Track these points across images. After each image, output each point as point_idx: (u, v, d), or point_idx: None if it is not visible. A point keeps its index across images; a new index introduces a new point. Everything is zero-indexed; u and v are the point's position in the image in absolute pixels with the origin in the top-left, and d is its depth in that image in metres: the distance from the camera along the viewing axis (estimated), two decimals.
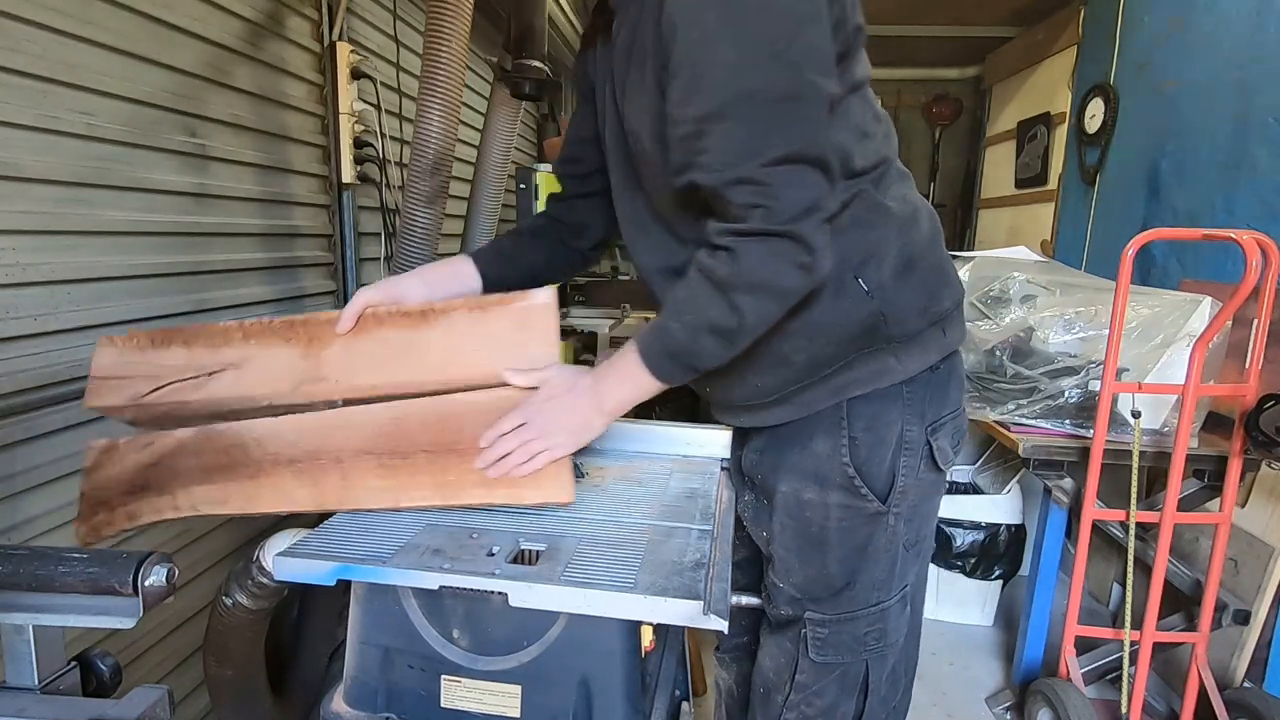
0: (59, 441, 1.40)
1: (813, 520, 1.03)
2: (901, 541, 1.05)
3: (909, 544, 1.06)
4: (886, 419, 1.00)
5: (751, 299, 0.86)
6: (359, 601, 0.91)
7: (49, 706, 0.72)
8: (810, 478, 1.02)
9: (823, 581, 1.04)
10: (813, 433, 1.01)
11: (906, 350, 0.98)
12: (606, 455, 1.24)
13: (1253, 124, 2.21)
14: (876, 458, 1.00)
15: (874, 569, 1.04)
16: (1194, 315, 1.88)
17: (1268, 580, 1.87)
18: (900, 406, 1.00)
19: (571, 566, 0.84)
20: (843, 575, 1.03)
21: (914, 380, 1.00)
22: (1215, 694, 1.79)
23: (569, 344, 2.36)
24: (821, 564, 1.04)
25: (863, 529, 1.02)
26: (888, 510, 1.01)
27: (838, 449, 1.00)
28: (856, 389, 0.98)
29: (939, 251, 1.03)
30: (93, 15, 1.42)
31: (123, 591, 0.71)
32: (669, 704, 1.00)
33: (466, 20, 1.87)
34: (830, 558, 1.03)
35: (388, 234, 2.58)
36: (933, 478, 1.05)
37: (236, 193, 1.87)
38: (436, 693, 0.89)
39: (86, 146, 1.43)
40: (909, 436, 1.01)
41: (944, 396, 1.04)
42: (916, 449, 1.01)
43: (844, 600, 1.04)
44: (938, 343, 1.01)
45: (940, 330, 1.02)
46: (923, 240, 0.99)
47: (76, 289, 1.43)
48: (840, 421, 1.00)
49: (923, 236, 1.00)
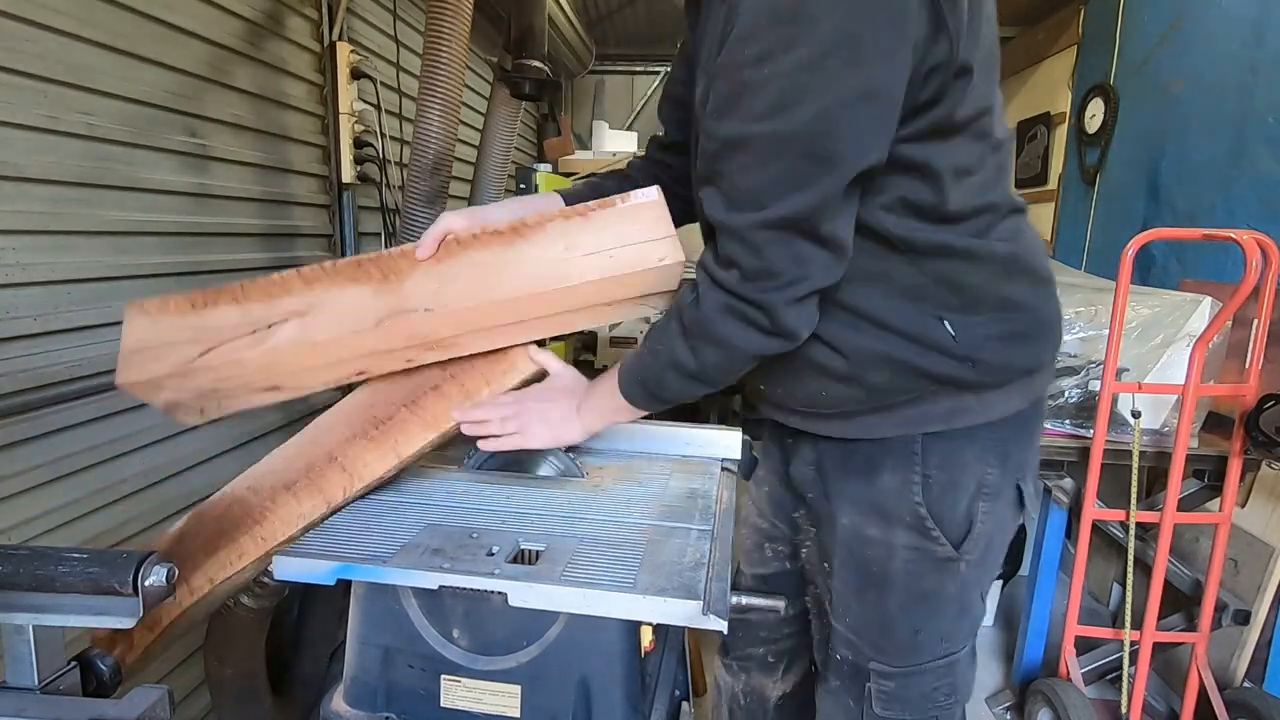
0: (59, 441, 1.40)
1: (874, 559, 0.96)
2: (978, 590, 0.98)
3: (984, 593, 1.00)
4: (962, 460, 0.92)
5: (709, 351, 0.84)
6: (359, 601, 0.91)
7: (49, 706, 0.72)
8: (875, 513, 0.95)
9: (881, 626, 0.97)
10: (881, 464, 0.94)
11: (990, 395, 0.91)
12: (606, 455, 1.24)
13: (1252, 124, 2.21)
14: (951, 499, 0.93)
15: (940, 618, 0.97)
16: (1194, 315, 1.88)
17: (1268, 580, 1.87)
18: (979, 448, 0.92)
19: (571, 566, 0.84)
20: (906, 622, 0.96)
21: (997, 423, 0.92)
22: (1215, 694, 1.79)
23: (568, 343, 2.36)
24: (882, 608, 0.97)
25: (930, 575, 0.94)
26: (960, 557, 0.94)
27: (908, 485, 0.93)
28: (929, 425, 0.91)
29: (1049, 301, 0.94)
30: (93, 15, 1.42)
31: (123, 591, 0.71)
32: (669, 704, 1.00)
33: (466, 20, 1.87)
34: (892, 602, 0.96)
35: (388, 234, 2.58)
36: (1014, 521, 0.98)
37: (236, 193, 1.87)
38: (436, 692, 0.89)
39: (87, 146, 1.43)
40: (989, 480, 0.93)
41: (1030, 438, 0.98)
42: (999, 494, 0.94)
43: (910, 652, 0.97)
44: (1024, 390, 0.93)
45: (1029, 378, 0.94)
46: (1027, 289, 0.91)
47: (76, 289, 1.43)
48: (913, 456, 0.92)
49: (1028, 284, 0.91)
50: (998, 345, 0.89)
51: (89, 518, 1.48)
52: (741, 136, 0.75)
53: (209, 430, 1.82)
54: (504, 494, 1.06)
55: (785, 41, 0.70)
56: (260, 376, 1.03)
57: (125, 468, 1.57)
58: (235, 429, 1.92)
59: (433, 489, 1.09)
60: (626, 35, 4.93)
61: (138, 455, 1.60)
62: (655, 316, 1.02)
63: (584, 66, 4.63)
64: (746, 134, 0.75)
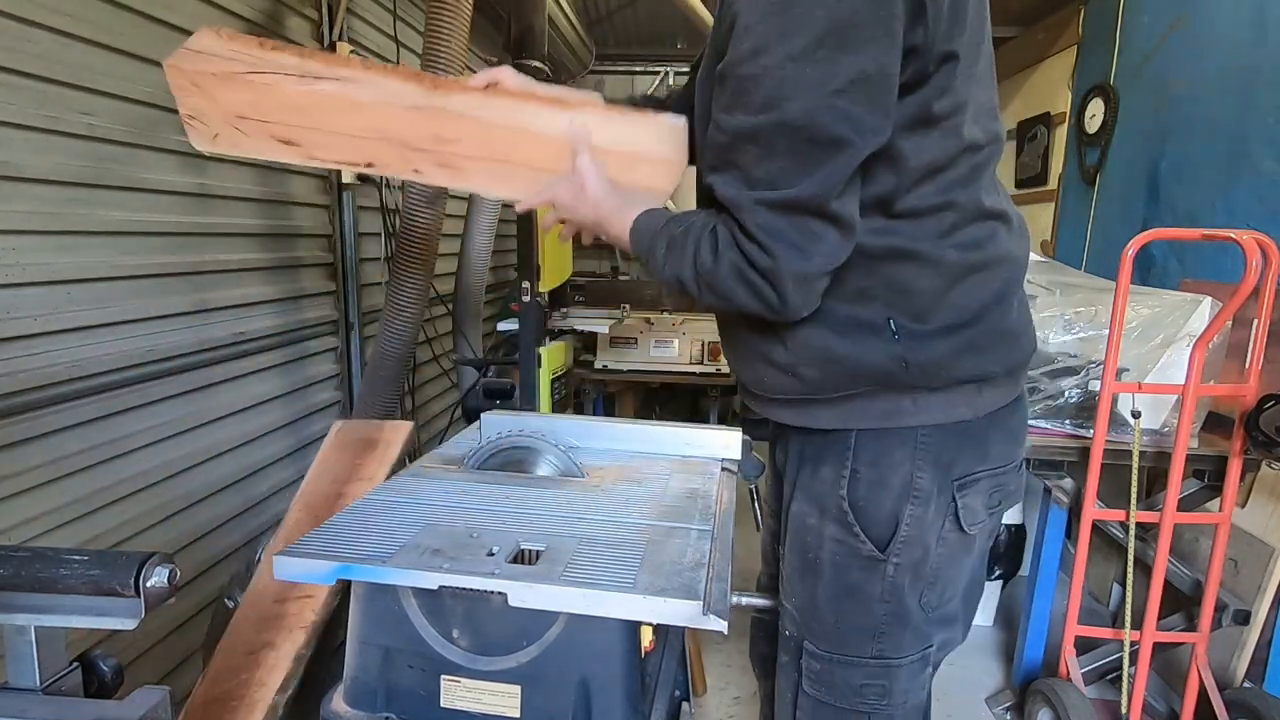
0: (59, 441, 1.40)
1: (810, 546, 1.00)
2: (912, 599, 0.96)
3: (928, 605, 0.97)
4: (890, 459, 0.93)
5: (709, 295, 0.88)
6: (358, 601, 0.91)
7: (51, 707, 0.72)
8: (813, 502, 0.99)
9: (812, 611, 1.00)
10: (824, 456, 0.97)
11: (926, 399, 0.91)
12: (606, 455, 1.24)
13: (1252, 124, 2.21)
14: (875, 499, 0.93)
15: (866, 616, 0.97)
16: (1194, 315, 1.88)
17: (1268, 580, 1.87)
18: (909, 449, 0.92)
19: (571, 566, 0.84)
20: (831, 612, 0.99)
21: (934, 427, 0.92)
22: (1215, 694, 1.79)
23: (568, 343, 2.36)
24: (812, 592, 1.00)
25: (856, 571, 0.96)
26: (885, 559, 0.94)
27: (838, 480, 0.95)
28: (864, 421, 0.93)
29: (1006, 314, 0.93)
30: (93, 15, 1.42)
31: (124, 593, 0.71)
32: (669, 704, 1.00)
33: (466, 20, 1.87)
34: (820, 589, 0.99)
35: (388, 234, 2.58)
36: (958, 538, 0.96)
37: (236, 193, 1.87)
38: (436, 693, 0.89)
39: (87, 146, 1.43)
40: (919, 484, 0.92)
41: (980, 450, 0.94)
42: (929, 500, 0.93)
43: (835, 640, 0.99)
44: (969, 401, 0.92)
45: (976, 389, 0.92)
46: (984, 298, 0.89)
47: (76, 289, 1.43)
48: (846, 451, 0.94)
49: (986, 294, 0.89)
50: (941, 352, 0.89)
51: (89, 518, 1.48)
52: (749, 129, 0.78)
53: (208, 430, 1.82)
54: (504, 494, 1.06)
55: (778, 33, 0.74)
56: (287, 118, 1.07)
57: (125, 468, 1.57)
58: (235, 428, 1.92)
59: (433, 489, 1.08)
60: (626, 35, 4.93)
61: (137, 455, 1.61)
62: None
63: (584, 66, 4.63)
64: (753, 126, 0.78)
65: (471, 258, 2.69)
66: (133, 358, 1.56)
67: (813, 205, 0.78)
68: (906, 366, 0.89)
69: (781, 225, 0.79)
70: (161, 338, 1.65)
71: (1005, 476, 0.98)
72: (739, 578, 1.30)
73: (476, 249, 2.67)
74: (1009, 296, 0.93)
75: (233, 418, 1.90)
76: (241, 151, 1.07)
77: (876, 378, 0.90)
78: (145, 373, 1.59)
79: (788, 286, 0.81)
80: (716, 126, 0.83)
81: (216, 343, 1.82)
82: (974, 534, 0.96)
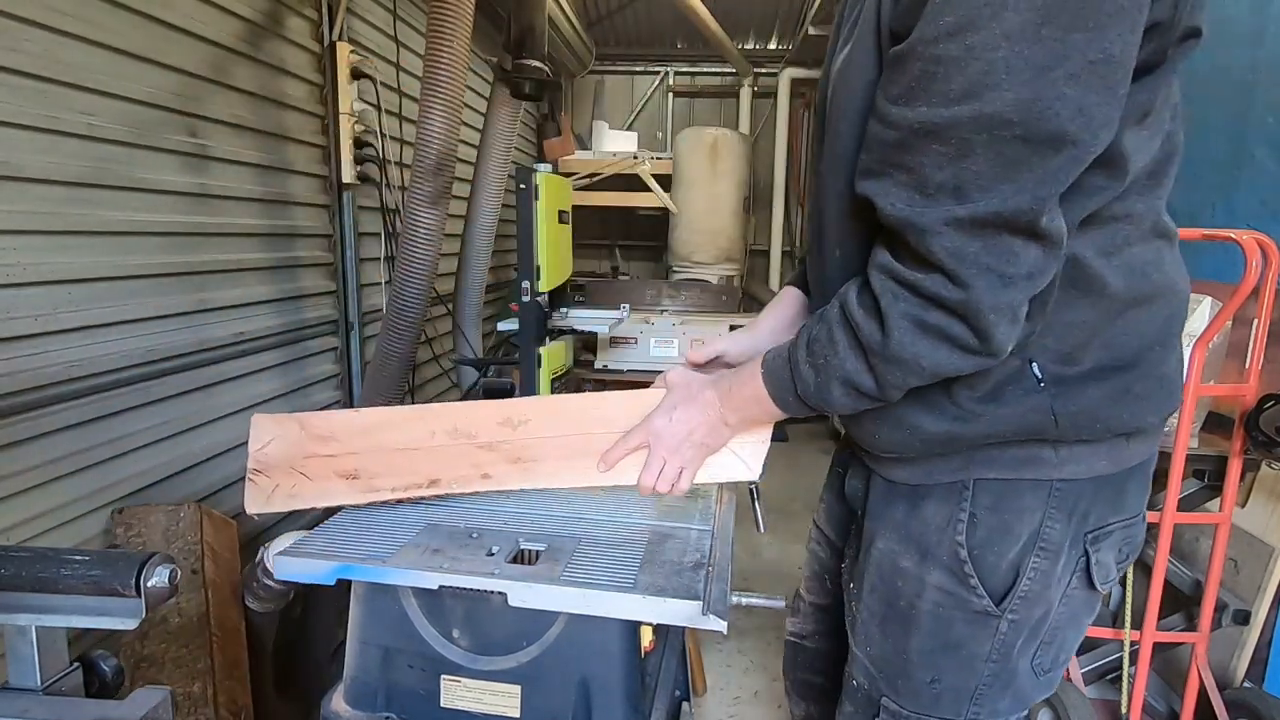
0: (59, 441, 1.40)
1: (901, 593, 0.85)
2: (1023, 660, 0.84)
3: (1040, 668, 0.85)
4: (1017, 505, 0.79)
5: (895, 372, 0.71)
6: (359, 601, 0.91)
7: (52, 707, 0.72)
8: (910, 544, 0.84)
9: (898, 664, 0.87)
10: (925, 493, 0.83)
11: (1070, 451, 0.78)
12: None
13: (1252, 124, 2.21)
14: (996, 548, 0.80)
15: (967, 676, 0.84)
16: (1194, 315, 1.88)
17: (1268, 580, 1.87)
18: (1043, 494, 0.79)
19: (571, 566, 0.84)
20: (924, 668, 0.85)
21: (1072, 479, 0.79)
22: (1215, 694, 1.79)
23: (568, 343, 2.36)
24: (900, 644, 0.86)
25: (961, 625, 0.82)
26: (1001, 614, 0.81)
27: (952, 523, 0.81)
28: (990, 471, 0.79)
29: (1167, 357, 0.78)
30: (93, 15, 1.42)
31: (125, 593, 0.71)
32: (669, 704, 1.00)
33: (468, 20, 1.87)
34: (913, 643, 0.85)
35: (388, 234, 2.58)
36: (1084, 596, 0.83)
37: (237, 193, 1.87)
38: (436, 692, 0.89)
39: (87, 146, 1.43)
40: (1049, 535, 0.79)
41: (1118, 499, 0.82)
42: (1058, 554, 0.80)
43: (926, 700, 0.86)
44: (1115, 455, 0.79)
45: (1125, 440, 0.79)
46: (1147, 337, 0.75)
47: (76, 289, 1.43)
48: (962, 491, 0.81)
49: (1150, 332, 0.75)
50: (1095, 400, 0.75)
51: (89, 518, 1.48)
52: (936, 123, 0.62)
53: (208, 430, 1.82)
54: (504, 494, 1.06)
55: (991, 6, 0.59)
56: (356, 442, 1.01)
57: (125, 468, 1.57)
58: (235, 428, 1.92)
59: None
60: (626, 35, 4.93)
61: (137, 455, 1.61)
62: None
63: (584, 66, 4.63)
64: (943, 120, 0.62)
65: (471, 258, 2.69)
66: (133, 358, 1.56)
67: (1020, 221, 0.62)
68: (1056, 421, 0.75)
69: (974, 248, 0.63)
70: (161, 338, 1.65)
71: (1136, 527, 0.85)
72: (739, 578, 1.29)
73: (476, 249, 2.67)
74: (1172, 337, 0.79)
75: (233, 418, 1.90)
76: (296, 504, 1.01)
77: (1019, 432, 0.76)
78: (145, 373, 1.59)
79: (987, 320, 0.65)
80: (883, 120, 0.67)
81: (216, 343, 1.82)
82: (1102, 592, 0.84)
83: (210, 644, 1.45)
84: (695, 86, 5.34)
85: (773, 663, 2.28)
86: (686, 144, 4.35)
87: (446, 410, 1.00)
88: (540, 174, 1.94)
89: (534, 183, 1.93)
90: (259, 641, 1.59)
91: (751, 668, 2.26)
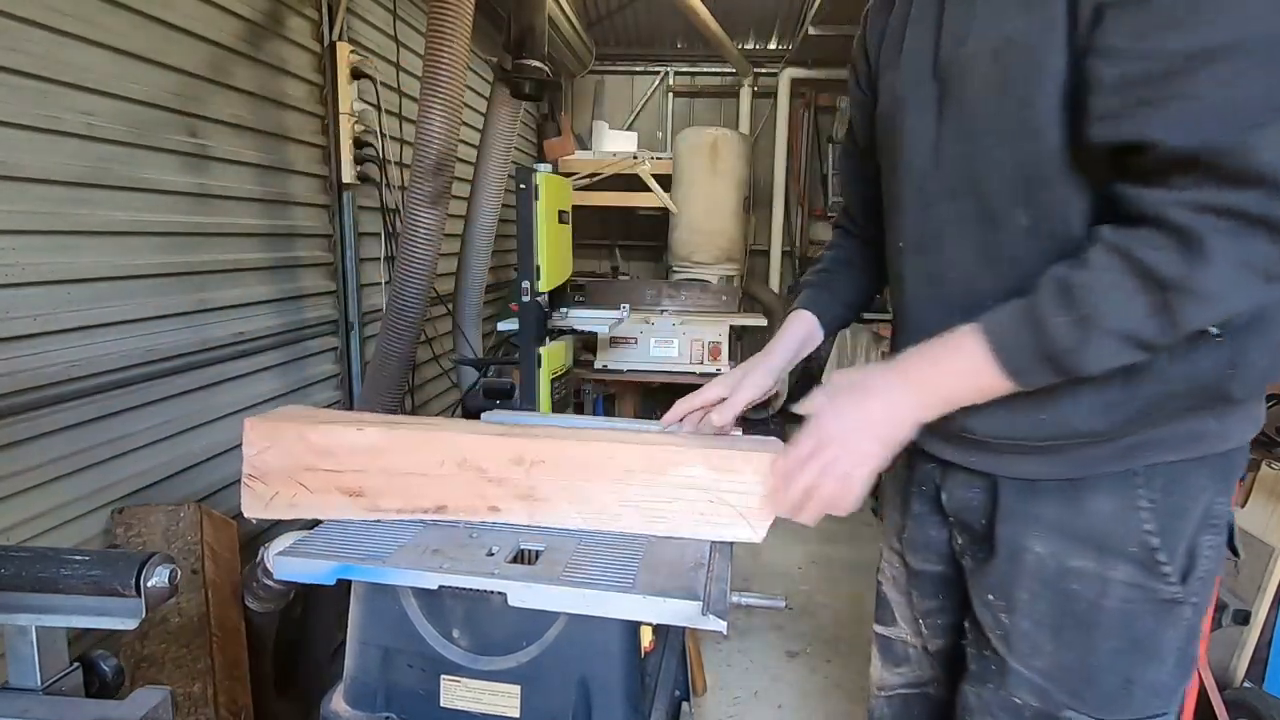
0: (59, 441, 1.40)
1: (1081, 595, 0.81)
2: (1196, 641, 0.83)
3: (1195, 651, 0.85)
4: (1190, 484, 0.78)
5: (1198, 309, 0.64)
6: (359, 601, 0.91)
7: (52, 707, 0.72)
8: (1085, 543, 0.80)
9: (1083, 671, 0.83)
10: (1087, 485, 0.80)
11: (1229, 415, 0.76)
12: None
13: None
14: (1175, 530, 0.78)
15: (1158, 670, 0.81)
16: None
17: (1268, 580, 1.87)
18: (1209, 470, 0.78)
19: (571, 566, 0.84)
20: (1116, 670, 0.81)
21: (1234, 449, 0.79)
22: (1215, 694, 1.79)
23: (568, 343, 2.36)
24: (1086, 651, 0.82)
25: (1148, 617, 0.80)
26: (1185, 599, 0.79)
27: (1132, 511, 0.78)
28: (1157, 455, 0.77)
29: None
30: (93, 15, 1.42)
31: (125, 593, 0.71)
32: (669, 704, 1.00)
33: (468, 20, 1.87)
34: (1100, 646, 0.81)
35: (388, 234, 2.58)
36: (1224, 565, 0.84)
37: (236, 193, 1.87)
38: (436, 692, 0.89)
39: (87, 146, 1.43)
40: (1217, 511, 0.79)
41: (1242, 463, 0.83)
42: (1222, 529, 0.80)
43: (1120, 703, 0.82)
44: (1259, 415, 0.80)
45: (1263, 399, 0.81)
46: None
47: (76, 289, 1.43)
48: (1133, 478, 0.78)
49: None
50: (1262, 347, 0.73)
51: (89, 518, 1.48)
52: (1223, 43, 0.60)
53: (208, 430, 1.82)
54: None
55: None
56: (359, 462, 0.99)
57: (125, 468, 1.57)
58: (235, 428, 1.92)
59: None
60: (626, 35, 4.93)
61: (137, 455, 1.61)
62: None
63: (584, 66, 4.63)
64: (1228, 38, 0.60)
65: (471, 258, 2.69)
66: (133, 358, 1.56)
67: None
68: (1235, 374, 0.72)
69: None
70: (161, 338, 1.65)
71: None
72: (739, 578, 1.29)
73: (476, 249, 2.67)
74: None
75: (233, 418, 1.90)
76: (295, 513, 1.00)
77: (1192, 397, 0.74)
78: (145, 373, 1.59)
79: None
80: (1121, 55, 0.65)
81: (216, 343, 1.82)
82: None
83: (210, 644, 1.45)
84: (695, 86, 5.34)
85: (773, 663, 2.28)
86: (686, 144, 4.35)
87: (456, 439, 0.97)
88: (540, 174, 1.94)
89: (534, 183, 1.93)
90: (259, 641, 1.59)
91: (751, 668, 2.26)
